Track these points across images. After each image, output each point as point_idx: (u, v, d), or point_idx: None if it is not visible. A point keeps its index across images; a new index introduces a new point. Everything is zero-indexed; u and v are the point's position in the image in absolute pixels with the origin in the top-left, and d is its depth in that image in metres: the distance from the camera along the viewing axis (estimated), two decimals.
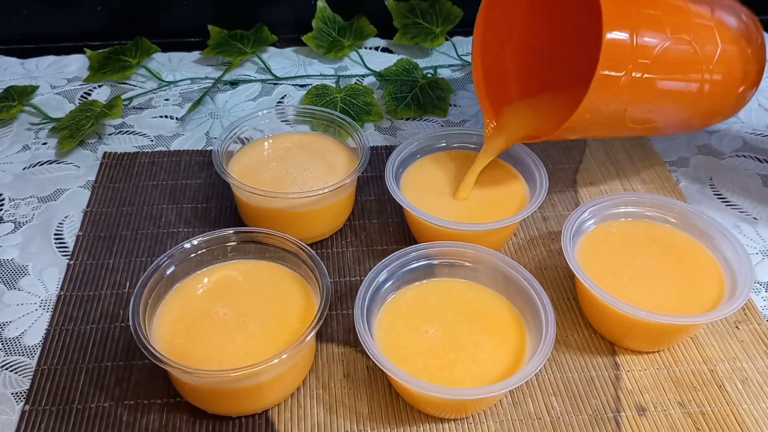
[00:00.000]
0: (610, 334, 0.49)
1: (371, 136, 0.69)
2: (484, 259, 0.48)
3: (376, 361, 0.41)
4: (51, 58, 0.79)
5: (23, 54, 0.79)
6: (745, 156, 0.67)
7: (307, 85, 0.76)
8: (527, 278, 0.46)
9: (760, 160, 0.67)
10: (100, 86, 0.75)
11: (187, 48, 0.81)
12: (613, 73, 0.46)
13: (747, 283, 0.46)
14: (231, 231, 0.48)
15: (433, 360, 0.44)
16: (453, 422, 0.45)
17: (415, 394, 0.43)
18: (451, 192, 0.55)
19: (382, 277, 0.47)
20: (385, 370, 0.41)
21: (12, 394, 0.46)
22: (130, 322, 0.42)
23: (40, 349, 0.48)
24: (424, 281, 0.49)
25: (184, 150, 0.66)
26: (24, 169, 0.64)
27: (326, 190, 0.52)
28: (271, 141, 0.59)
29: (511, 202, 0.54)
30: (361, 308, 0.44)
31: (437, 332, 0.45)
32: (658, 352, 0.49)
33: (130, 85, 0.76)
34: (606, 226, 0.52)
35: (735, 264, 0.48)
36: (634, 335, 0.48)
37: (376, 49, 0.83)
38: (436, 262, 0.49)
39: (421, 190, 0.55)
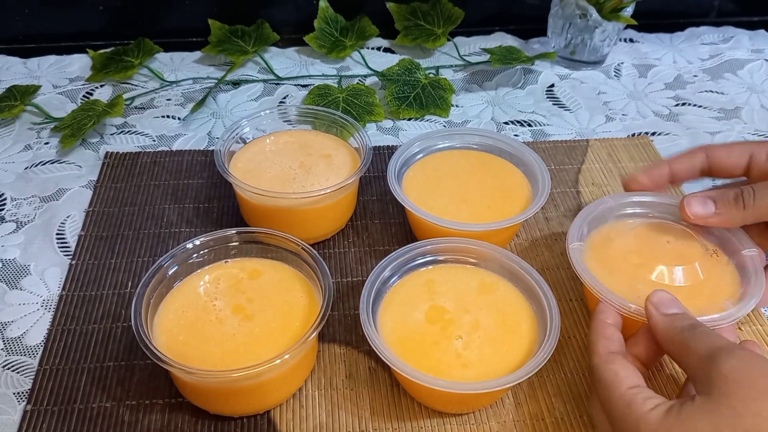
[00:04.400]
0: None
1: (373, 136, 0.69)
2: (490, 256, 0.48)
3: (380, 354, 0.41)
4: (53, 57, 0.79)
5: (25, 54, 0.79)
6: None
7: (309, 85, 0.76)
8: (535, 277, 0.46)
9: None
10: (102, 86, 0.75)
11: (189, 48, 0.81)
12: None
13: (755, 295, 0.45)
14: (233, 231, 0.48)
15: (439, 354, 0.43)
16: (455, 423, 0.45)
17: (417, 387, 0.43)
18: (453, 192, 0.55)
19: (387, 273, 0.47)
20: (389, 363, 0.41)
21: (14, 393, 0.46)
22: (132, 322, 0.42)
23: (41, 348, 0.48)
24: (430, 267, 0.49)
25: (186, 150, 0.66)
26: (26, 168, 0.64)
27: (328, 190, 0.52)
28: (273, 141, 0.59)
29: (514, 202, 0.54)
30: (366, 303, 0.44)
31: (445, 322, 0.45)
32: None
33: (132, 85, 0.76)
34: (612, 227, 0.51)
35: (750, 266, 0.47)
36: None
37: (378, 49, 0.82)
38: (441, 258, 0.49)
39: (423, 190, 0.55)
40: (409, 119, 0.71)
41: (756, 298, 0.45)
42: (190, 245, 0.47)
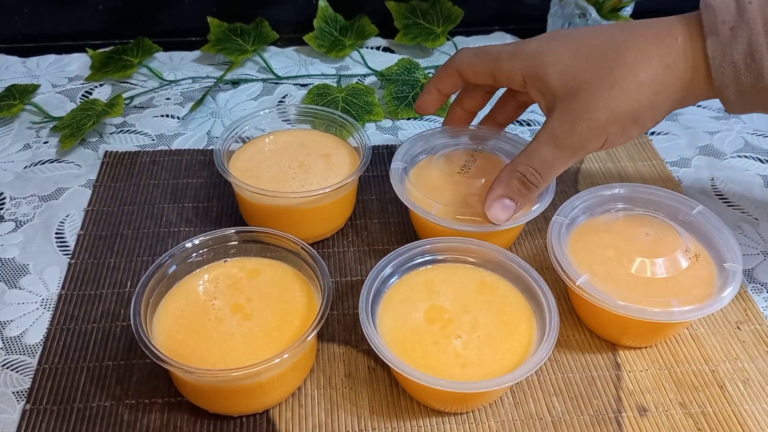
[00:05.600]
0: (606, 333, 0.49)
1: (372, 135, 0.69)
2: (490, 256, 0.48)
3: (379, 353, 0.41)
4: (52, 57, 0.79)
5: (24, 53, 0.79)
6: (746, 156, 0.67)
7: (308, 84, 0.76)
8: (534, 277, 0.46)
9: (761, 161, 0.67)
10: (101, 85, 0.75)
11: (189, 47, 0.81)
12: None
13: (736, 276, 0.46)
14: (232, 230, 0.48)
15: (439, 353, 0.44)
16: (454, 422, 0.45)
17: (417, 387, 0.43)
18: (455, 192, 0.55)
19: (387, 271, 0.47)
20: (389, 363, 0.41)
21: (13, 393, 0.46)
22: (132, 321, 0.42)
23: (41, 348, 0.48)
24: (429, 266, 0.49)
25: (185, 149, 0.66)
26: (25, 167, 0.64)
27: (327, 190, 0.52)
28: (272, 140, 0.59)
29: None
30: (365, 302, 0.44)
31: (444, 322, 0.45)
32: (659, 353, 0.49)
33: (131, 84, 0.76)
34: (593, 221, 0.52)
35: (727, 256, 0.47)
36: (631, 333, 0.48)
37: (378, 48, 0.82)
38: (440, 257, 0.49)
39: (425, 190, 0.55)
40: (408, 119, 0.71)
41: (735, 286, 0.45)
42: (189, 244, 0.47)
